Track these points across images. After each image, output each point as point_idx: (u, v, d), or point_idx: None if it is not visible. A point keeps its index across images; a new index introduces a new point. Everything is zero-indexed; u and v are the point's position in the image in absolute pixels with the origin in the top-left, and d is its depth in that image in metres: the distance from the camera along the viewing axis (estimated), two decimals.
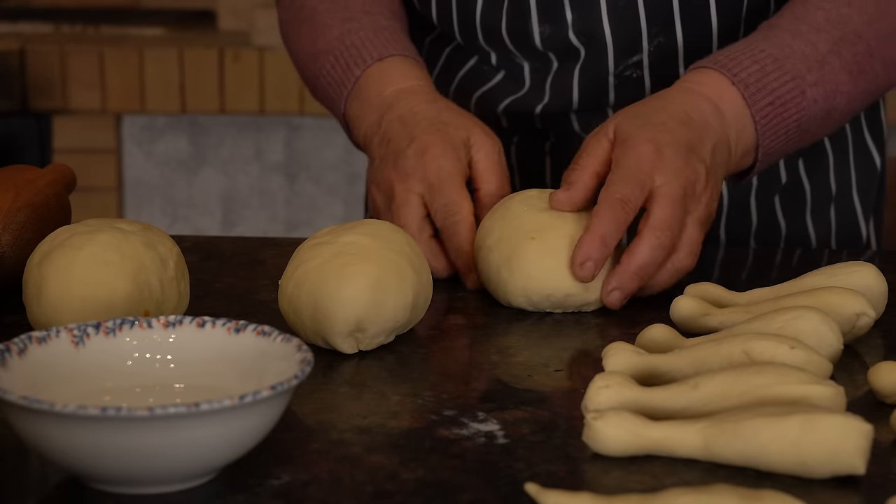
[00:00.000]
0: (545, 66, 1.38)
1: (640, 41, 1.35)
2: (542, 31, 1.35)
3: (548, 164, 1.42)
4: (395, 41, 1.35)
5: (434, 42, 1.46)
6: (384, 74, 1.33)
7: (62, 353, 0.90)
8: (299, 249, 1.08)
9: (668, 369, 0.96)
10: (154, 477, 0.81)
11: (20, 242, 1.16)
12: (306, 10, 1.41)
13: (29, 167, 1.25)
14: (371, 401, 0.97)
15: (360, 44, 1.35)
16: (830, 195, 1.45)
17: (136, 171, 2.96)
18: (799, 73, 1.25)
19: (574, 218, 1.15)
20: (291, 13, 1.44)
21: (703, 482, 0.83)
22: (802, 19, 1.28)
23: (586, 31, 1.35)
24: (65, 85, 2.88)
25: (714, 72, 1.24)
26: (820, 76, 1.26)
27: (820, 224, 1.45)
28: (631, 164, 1.15)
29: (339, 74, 1.35)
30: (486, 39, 1.39)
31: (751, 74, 1.24)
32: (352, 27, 1.36)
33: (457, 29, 1.40)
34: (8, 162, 1.64)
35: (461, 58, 1.43)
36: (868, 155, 1.48)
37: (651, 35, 1.35)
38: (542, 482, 0.82)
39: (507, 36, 1.37)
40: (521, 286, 1.14)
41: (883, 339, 1.08)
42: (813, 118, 1.27)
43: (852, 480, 0.84)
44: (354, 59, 1.34)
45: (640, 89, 1.36)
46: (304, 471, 0.85)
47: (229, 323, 0.92)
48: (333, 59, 1.36)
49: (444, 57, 1.45)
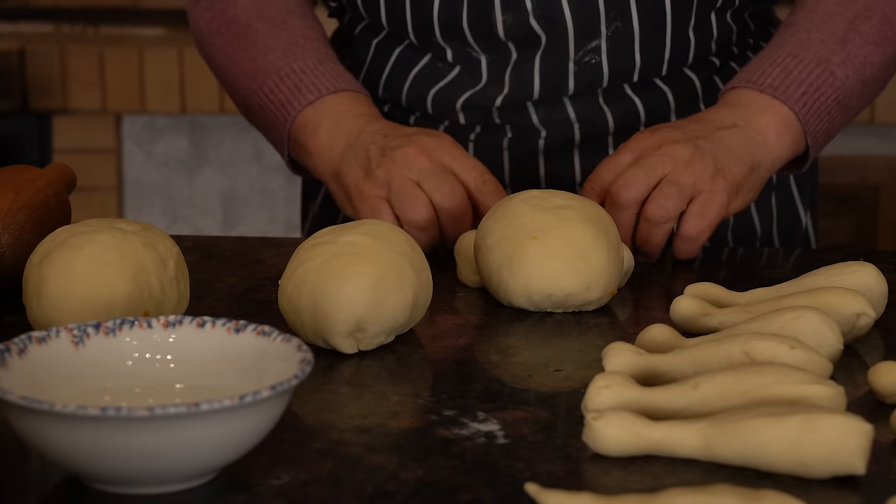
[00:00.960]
0: (504, 58, 1.40)
1: (599, 26, 1.37)
2: (504, 20, 1.37)
3: (506, 160, 1.43)
4: (342, 75, 1.39)
5: (382, 43, 1.46)
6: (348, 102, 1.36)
7: (62, 353, 0.90)
8: (299, 249, 1.08)
9: (668, 369, 0.96)
10: (154, 477, 0.81)
11: (20, 242, 1.16)
12: (239, 25, 1.43)
13: (29, 167, 1.25)
14: (371, 401, 0.97)
15: (309, 70, 1.38)
16: (771, 184, 1.49)
17: (136, 171, 2.96)
18: (823, 57, 1.32)
19: (575, 218, 1.15)
20: (217, 25, 1.45)
21: (703, 482, 0.83)
22: (815, 9, 1.35)
23: (547, 17, 1.37)
24: (65, 85, 2.88)
25: (738, 89, 1.32)
26: (846, 55, 1.33)
27: (763, 215, 1.47)
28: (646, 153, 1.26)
29: (284, 95, 1.38)
30: (445, 35, 1.40)
31: (775, 78, 1.31)
32: (294, 51, 1.39)
33: (411, 27, 1.41)
34: (8, 162, 1.64)
35: (413, 56, 1.44)
36: None
37: (609, 19, 1.37)
38: (542, 482, 0.82)
39: (469, 29, 1.38)
40: (521, 286, 1.14)
41: (883, 339, 1.08)
42: (850, 93, 1.34)
43: (852, 480, 0.84)
44: (305, 83, 1.37)
45: (598, 75, 1.39)
46: (304, 471, 0.85)
47: (229, 323, 0.92)
48: (278, 80, 1.38)
49: (394, 57, 1.45)
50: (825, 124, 1.33)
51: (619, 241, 1.17)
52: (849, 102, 1.34)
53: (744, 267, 1.32)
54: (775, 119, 1.30)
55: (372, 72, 1.47)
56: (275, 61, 1.39)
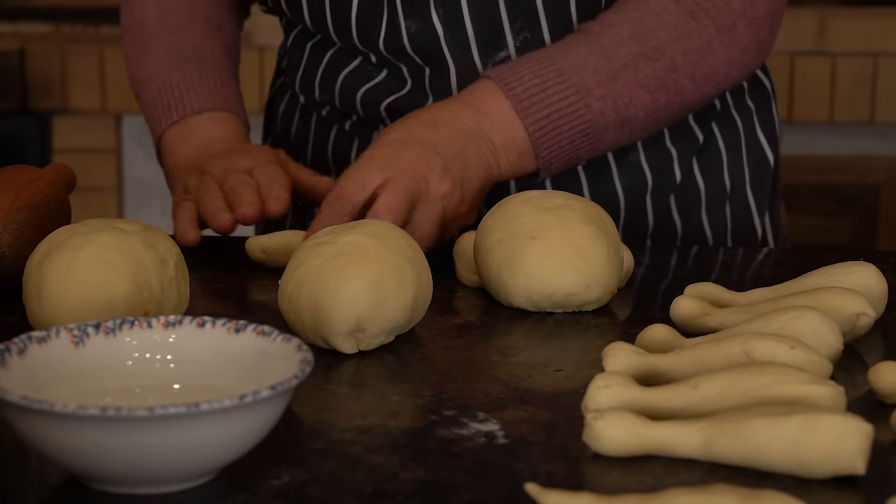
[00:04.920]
0: (419, 67, 1.40)
1: (504, 36, 1.36)
2: (407, 26, 1.37)
3: None
4: (218, 91, 1.43)
5: (316, 45, 1.47)
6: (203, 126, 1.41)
7: (62, 353, 0.90)
8: (299, 249, 1.08)
9: (668, 369, 0.96)
10: (154, 477, 0.81)
11: (20, 242, 1.16)
12: (144, 29, 1.47)
13: (29, 167, 1.25)
14: (371, 401, 0.97)
15: (184, 85, 1.42)
16: (725, 193, 1.48)
17: (136, 171, 2.96)
18: (585, 86, 1.30)
19: (575, 218, 1.15)
20: (126, 23, 1.50)
21: (703, 482, 0.83)
22: (608, 32, 1.32)
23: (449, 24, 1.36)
24: (65, 85, 2.88)
25: (491, 83, 1.30)
26: (610, 90, 1.30)
27: (716, 222, 1.47)
28: (356, 164, 1.23)
29: (159, 110, 1.42)
30: (363, 41, 1.40)
31: (527, 89, 1.29)
32: (179, 63, 1.43)
33: (332, 32, 1.41)
34: (8, 162, 1.64)
35: (344, 58, 1.44)
36: (761, 152, 1.51)
37: (515, 30, 1.36)
38: (542, 482, 0.82)
39: (382, 41, 1.38)
40: (521, 286, 1.14)
41: (883, 339, 1.09)
42: (604, 128, 1.31)
43: (852, 480, 0.84)
44: (175, 101, 1.42)
45: None
46: (304, 471, 0.85)
47: (229, 323, 0.92)
48: (156, 91, 1.43)
49: (326, 59, 1.46)
50: (565, 152, 1.31)
51: (618, 241, 1.17)
52: (601, 137, 1.32)
53: (744, 267, 1.32)
54: (509, 138, 1.29)
55: (307, 74, 1.47)
56: (159, 73, 1.44)
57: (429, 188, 1.23)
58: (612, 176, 1.42)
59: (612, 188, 1.43)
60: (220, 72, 1.45)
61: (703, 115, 1.46)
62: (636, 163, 1.43)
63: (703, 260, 1.33)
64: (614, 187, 1.43)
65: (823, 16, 2.87)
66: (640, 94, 1.31)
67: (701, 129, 1.46)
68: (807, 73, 2.87)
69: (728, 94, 1.48)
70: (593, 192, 1.42)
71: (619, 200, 1.43)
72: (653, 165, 1.43)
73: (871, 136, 2.91)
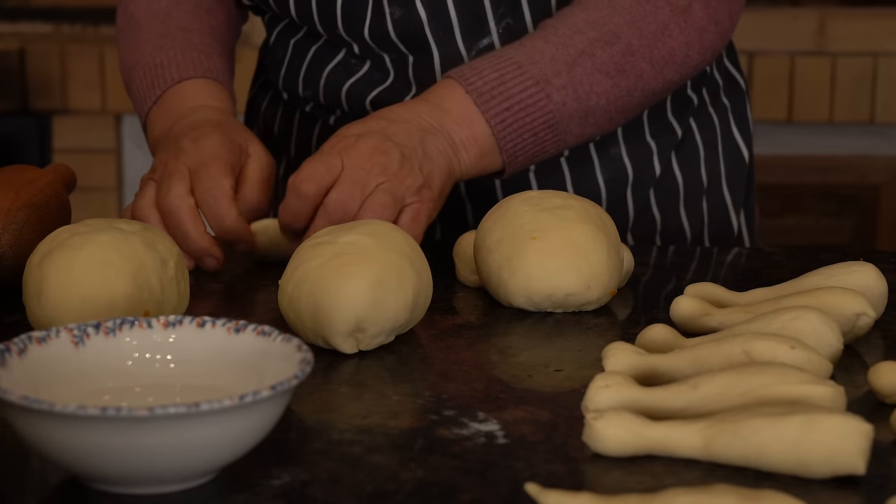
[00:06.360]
0: (403, 57, 1.39)
1: (487, 22, 1.36)
2: (391, 12, 1.36)
3: None
4: (201, 63, 1.41)
5: (300, 41, 1.47)
6: (184, 94, 1.39)
7: (62, 353, 0.90)
8: (299, 249, 1.08)
9: (668, 369, 0.96)
10: (154, 477, 0.81)
11: (20, 242, 1.16)
12: (133, 21, 1.47)
13: (29, 167, 1.25)
14: (371, 401, 0.97)
15: (167, 63, 1.41)
16: (702, 187, 1.49)
17: (136, 171, 2.96)
18: (544, 76, 1.29)
19: (575, 218, 1.15)
20: (122, 21, 1.49)
21: (703, 482, 0.83)
22: (563, 22, 1.32)
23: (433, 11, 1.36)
24: (65, 85, 2.88)
25: (451, 81, 1.30)
26: (569, 79, 1.29)
27: (693, 217, 1.47)
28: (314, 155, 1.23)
29: (144, 90, 1.41)
30: (347, 30, 1.40)
31: (487, 83, 1.28)
32: (164, 44, 1.42)
33: (318, 21, 1.41)
34: (8, 162, 1.64)
35: (328, 53, 1.44)
36: (736, 148, 1.52)
37: (498, 16, 1.36)
38: (542, 482, 0.82)
39: (368, 28, 1.38)
40: (521, 286, 1.14)
41: (883, 339, 1.09)
42: (567, 119, 1.30)
43: (852, 480, 0.84)
44: (158, 78, 1.40)
45: None
46: (304, 471, 0.85)
47: (229, 323, 0.92)
48: (142, 74, 1.42)
49: (310, 54, 1.46)
50: (530, 145, 1.30)
51: (618, 240, 1.17)
52: (565, 129, 1.31)
53: (744, 267, 1.32)
54: (469, 134, 1.28)
55: (291, 70, 1.47)
56: (144, 56, 1.43)
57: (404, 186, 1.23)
58: (595, 169, 1.43)
59: (594, 181, 1.43)
60: (205, 48, 1.43)
61: (681, 109, 1.47)
62: (617, 156, 1.43)
63: (704, 260, 1.33)
64: (596, 180, 1.43)
65: (823, 16, 2.87)
66: (600, 80, 1.30)
67: (679, 123, 1.46)
68: (807, 73, 2.87)
69: (704, 91, 1.49)
70: (576, 185, 1.42)
71: (601, 193, 1.44)
72: (633, 159, 1.44)
73: (871, 136, 2.91)
